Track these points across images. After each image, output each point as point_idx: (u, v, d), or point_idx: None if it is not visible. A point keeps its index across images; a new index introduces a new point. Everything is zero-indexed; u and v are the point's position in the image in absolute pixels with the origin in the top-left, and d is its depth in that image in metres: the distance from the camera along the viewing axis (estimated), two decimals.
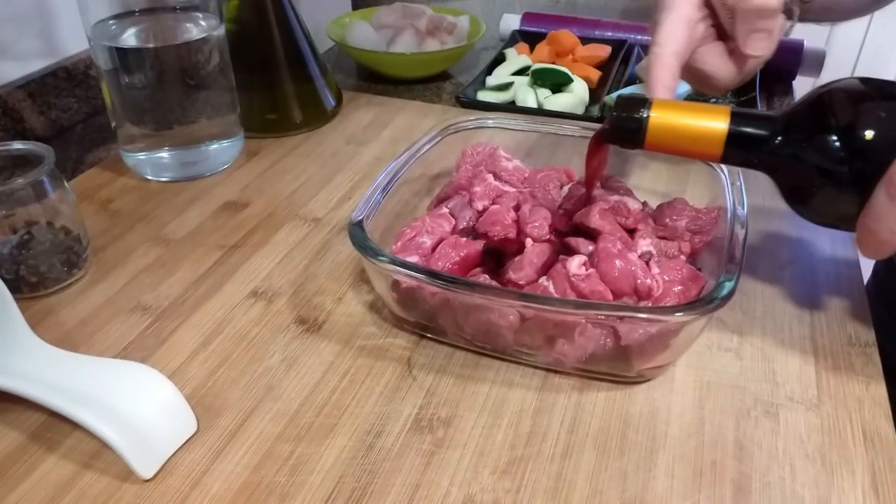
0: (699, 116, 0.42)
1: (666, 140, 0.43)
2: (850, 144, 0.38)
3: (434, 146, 0.56)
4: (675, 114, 0.42)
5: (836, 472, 0.39)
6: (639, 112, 0.42)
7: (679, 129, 0.42)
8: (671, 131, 0.42)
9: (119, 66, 0.60)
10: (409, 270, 0.42)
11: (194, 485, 0.38)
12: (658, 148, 0.44)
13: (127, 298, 0.50)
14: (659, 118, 0.42)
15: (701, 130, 0.42)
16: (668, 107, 0.42)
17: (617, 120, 0.43)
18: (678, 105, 0.43)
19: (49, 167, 0.49)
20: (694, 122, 0.42)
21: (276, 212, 0.60)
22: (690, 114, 0.42)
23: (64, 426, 0.40)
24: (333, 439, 0.40)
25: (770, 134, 0.41)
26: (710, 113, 0.42)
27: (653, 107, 0.42)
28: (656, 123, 0.42)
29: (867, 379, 0.45)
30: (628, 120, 0.43)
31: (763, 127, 0.41)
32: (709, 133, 0.41)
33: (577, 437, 0.41)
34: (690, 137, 0.42)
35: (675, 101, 0.44)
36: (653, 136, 0.43)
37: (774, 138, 0.41)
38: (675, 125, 0.42)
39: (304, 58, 0.73)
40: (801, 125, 0.41)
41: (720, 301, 0.39)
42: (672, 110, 0.42)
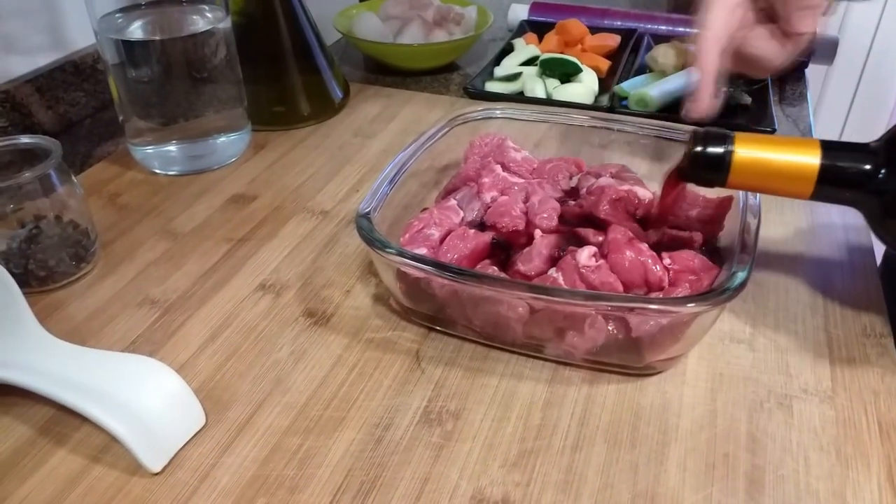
0: (788, 150, 0.40)
1: (751, 177, 0.40)
2: None
3: (442, 137, 0.56)
4: (762, 148, 0.40)
5: (851, 465, 0.38)
6: (722, 147, 0.40)
7: (766, 165, 0.40)
8: (757, 168, 0.40)
9: (126, 59, 0.59)
10: (416, 262, 0.42)
11: (203, 478, 0.38)
12: (741, 185, 0.42)
13: (135, 292, 0.50)
14: (745, 154, 0.40)
15: (790, 166, 0.39)
16: (753, 141, 0.40)
17: (698, 156, 0.41)
18: (763, 139, 0.41)
19: (56, 161, 0.49)
20: (782, 157, 0.39)
21: (284, 205, 0.60)
22: (778, 148, 0.40)
23: (72, 420, 0.40)
24: (342, 432, 0.40)
25: (872, 168, 0.39)
26: (799, 146, 0.39)
27: (737, 141, 0.40)
28: (742, 160, 0.40)
29: (882, 370, 0.44)
30: (710, 156, 0.40)
31: (861, 160, 0.39)
32: (799, 169, 0.39)
33: (587, 429, 0.40)
34: (779, 174, 0.40)
35: (759, 136, 0.42)
36: (737, 174, 0.40)
37: (878, 172, 0.39)
38: (761, 161, 0.40)
39: (311, 50, 0.73)
40: None
41: (733, 292, 0.38)
42: (758, 144, 0.40)
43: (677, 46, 0.79)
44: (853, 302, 0.49)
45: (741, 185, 0.42)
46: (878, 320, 0.48)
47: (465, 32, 0.86)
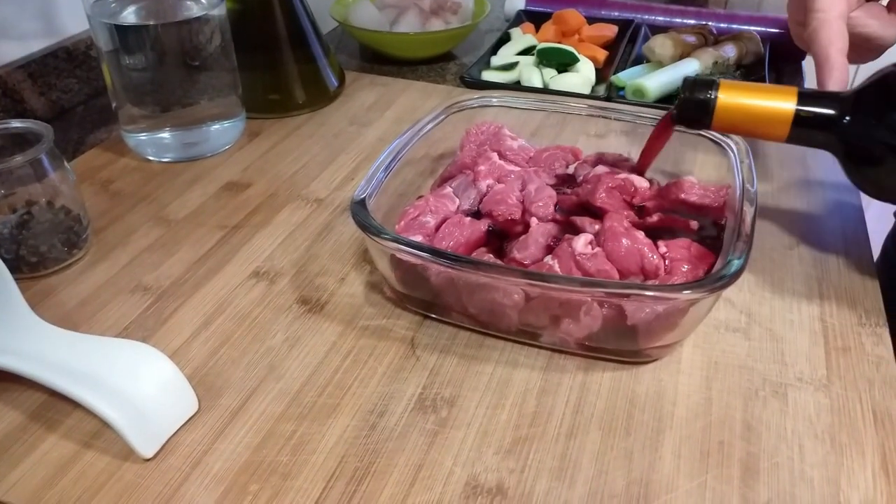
0: (766, 97, 0.43)
1: (733, 120, 0.44)
2: None
3: (438, 125, 0.55)
4: (743, 94, 0.43)
5: (846, 453, 0.38)
6: (707, 93, 0.44)
7: (747, 109, 0.43)
8: (739, 112, 0.43)
9: (119, 46, 0.59)
10: (412, 249, 0.41)
11: (195, 464, 0.37)
12: (725, 128, 0.45)
13: (128, 279, 0.50)
14: (727, 99, 0.43)
15: (768, 111, 0.43)
16: (736, 88, 0.44)
17: (685, 101, 0.44)
18: (745, 86, 0.44)
19: (48, 145, 0.48)
20: (761, 102, 0.43)
21: (278, 192, 0.60)
22: (758, 94, 0.43)
23: (64, 405, 0.40)
24: (336, 419, 0.40)
25: (839, 113, 0.42)
26: (777, 93, 0.43)
27: (720, 88, 0.44)
28: (724, 104, 0.43)
29: (877, 359, 0.44)
30: (697, 101, 0.44)
31: (831, 106, 0.43)
32: (776, 113, 0.43)
33: (582, 417, 0.40)
34: (758, 118, 0.43)
35: (742, 83, 0.45)
36: (720, 117, 0.44)
37: (843, 118, 0.42)
38: (742, 106, 0.43)
39: (306, 38, 0.72)
40: (870, 103, 0.42)
41: (728, 279, 0.38)
42: (739, 91, 0.43)
43: (674, 37, 0.79)
44: (849, 291, 0.49)
45: (724, 127, 0.45)
46: (873, 309, 0.47)
47: (462, 21, 0.85)
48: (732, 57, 0.78)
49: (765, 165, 0.63)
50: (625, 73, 0.76)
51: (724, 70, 0.76)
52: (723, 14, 0.90)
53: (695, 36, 0.81)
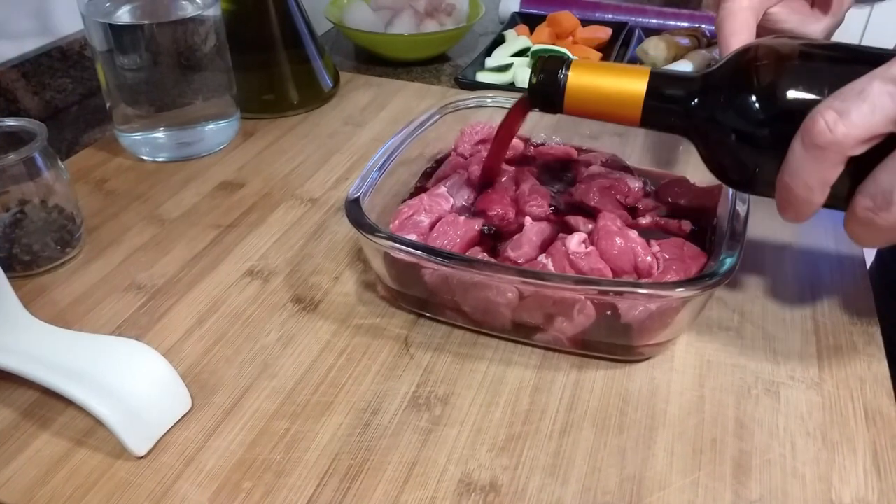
0: (618, 76, 0.40)
1: (585, 102, 0.41)
2: (767, 104, 0.36)
3: (432, 125, 0.55)
4: (594, 74, 0.40)
5: (838, 450, 0.38)
6: (557, 72, 0.41)
7: (597, 90, 0.40)
8: (590, 93, 0.40)
9: (113, 45, 0.59)
10: (405, 247, 0.42)
11: (188, 462, 0.37)
12: (578, 111, 0.42)
13: (121, 277, 0.50)
14: (577, 79, 0.40)
15: (619, 92, 0.40)
16: (587, 67, 0.41)
17: (535, 83, 0.41)
18: (598, 66, 0.41)
19: (41, 144, 0.48)
20: (612, 82, 0.40)
21: (273, 192, 0.60)
22: (609, 74, 0.40)
23: (57, 403, 0.40)
24: (330, 417, 0.40)
25: (687, 94, 0.39)
26: (629, 73, 0.40)
27: (571, 67, 0.41)
28: (575, 85, 0.40)
29: (869, 358, 0.44)
30: (546, 83, 0.41)
31: (682, 87, 0.40)
32: (627, 94, 0.40)
33: (575, 414, 0.40)
34: (609, 99, 0.40)
35: (596, 63, 0.42)
36: (572, 99, 0.41)
37: (691, 99, 0.39)
38: (593, 86, 0.40)
39: (301, 38, 0.72)
40: (717, 85, 0.39)
41: (721, 277, 0.38)
42: (590, 71, 0.40)
43: (668, 39, 0.79)
44: (841, 290, 0.49)
45: (577, 110, 0.42)
46: (865, 308, 0.48)
47: (457, 23, 0.85)
48: None
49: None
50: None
51: None
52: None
53: (688, 38, 0.81)
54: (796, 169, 0.35)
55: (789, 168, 0.35)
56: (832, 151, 0.33)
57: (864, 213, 0.34)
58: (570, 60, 0.41)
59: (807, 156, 0.34)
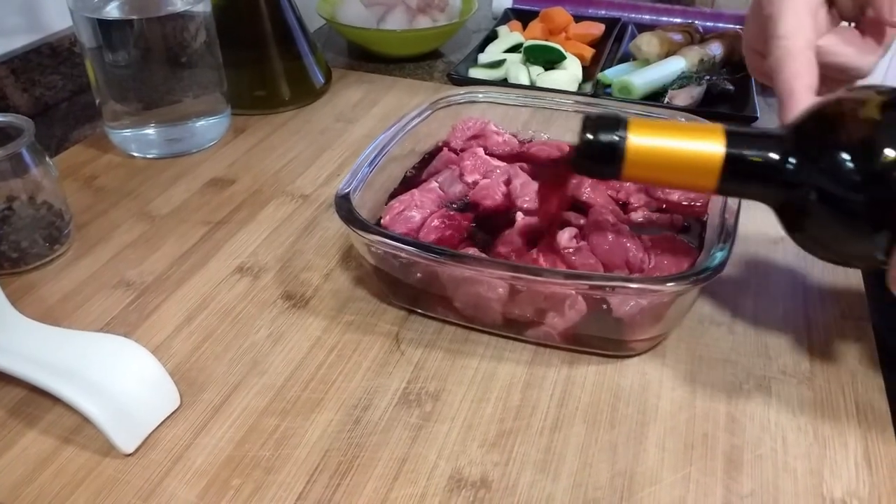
0: (689, 137, 0.34)
1: (648, 168, 0.35)
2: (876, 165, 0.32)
3: (424, 121, 0.55)
4: (660, 135, 0.35)
5: (829, 445, 0.38)
6: (614, 134, 0.35)
7: (664, 154, 0.34)
8: (655, 158, 0.35)
9: (103, 42, 0.58)
10: (396, 242, 0.41)
11: (177, 459, 0.37)
12: (639, 178, 0.36)
13: (110, 274, 0.50)
14: (640, 141, 0.34)
15: (692, 156, 0.34)
16: (650, 127, 0.35)
17: (588, 144, 0.35)
18: (661, 125, 0.36)
19: (29, 139, 0.48)
20: (683, 145, 0.34)
21: (263, 188, 0.59)
22: (678, 135, 0.35)
23: (44, 401, 0.40)
24: (320, 413, 0.40)
25: (781, 157, 0.34)
26: (701, 133, 0.34)
27: (631, 127, 0.35)
28: (637, 148, 0.34)
29: (860, 353, 0.44)
30: (601, 144, 0.35)
31: (769, 148, 0.34)
32: (702, 159, 0.34)
33: (566, 410, 0.40)
34: (679, 165, 0.35)
35: (656, 121, 0.36)
36: (632, 164, 0.35)
37: (785, 161, 0.34)
38: (659, 150, 0.34)
39: (292, 34, 0.72)
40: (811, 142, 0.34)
41: (712, 271, 0.38)
42: (655, 131, 0.35)
43: (661, 35, 0.79)
44: (832, 286, 0.49)
45: (637, 176, 0.36)
46: (856, 304, 0.48)
47: (450, 19, 0.85)
48: (718, 55, 0.78)
49: None
50: (611, 71, 0.77)
51: (710, 68, 0.76)
52: (709, 13, 0.90)
53: (681, 34, 0.81)
54: None
55: None
56: None
57: None
58: (626, 119, 0.35)
59: None
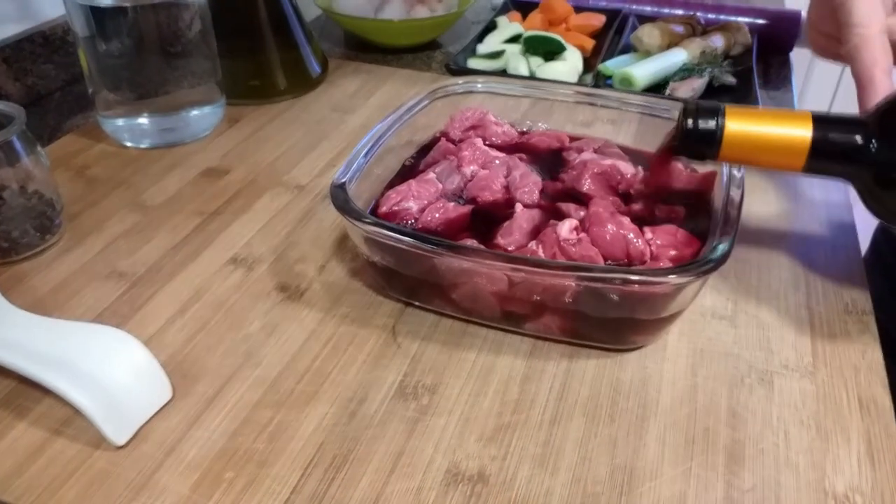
0: (779, 124, 0.39)
1: (743, 151, 0.40)
2: None
3: (422, 111, 0.54)
4: (753, 122, 0.40)
5: (832, 439, 0.38)
6: (714, 121, 0.40)
7: (758, 139, 0.39)
8: (749, 142, 0.40)
9: (96, 30, 0.57)
10: (392, 233, 0.41)
11: (169, 451, 0.36)
12: (733, 159, 0.41)
13: (102, 265, 0.49)
14: (736, 127, 0.40)
15: (782, 140, 0.39)
16: (744, 115, 0.40)
17: (689, 131, 0.40)
18: (754, 112, 0.41)
19: (19, 127, 0.47)
20: (774, 130, 0.39)
21: (258, 179, 0.58)
22: (769, 121, 0.39)
23: (35, 392, 0.39)
24: (314, 406, 0.39)
25: (864, 140, 0.39)
26: (790, 120, 0.39)
27: (728, 115, 0.40)
28: (733, 133, 0.40)
29: (863, 347, 0.43)
30: (702, 131, 0.40)
31: (853, 132, 0.39)
32: (791, 142, 0.39)
33: (565, 404, 0.39)
34: (770, 148, 0.40)
35: (750, 109, 0.41)
36: (729, 147, 0.40)
37: (869, 144, 0.38)
38: (753, 135, 0.39)
39: (288, 23, 0.71)
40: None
41: (714, 263, 0.38)
42: (749, 118, 0.40)
43: (662, 27, 0.78)
44: (835, 279, 0.49)
45: (732, 158, 0.41)
46: (859, 297, 0.47)
47: (448, 9, 0.84)
48: (720, 47, 0.77)
49: None
50: (612, 62, 0.76)
51: (712, 60, 0.75)
52: (711, 4, 0.89)
53: (683, 26, 0.80)
54: None
55: None
56: None
57: None
58: (723, 108, 0.40)
59: None
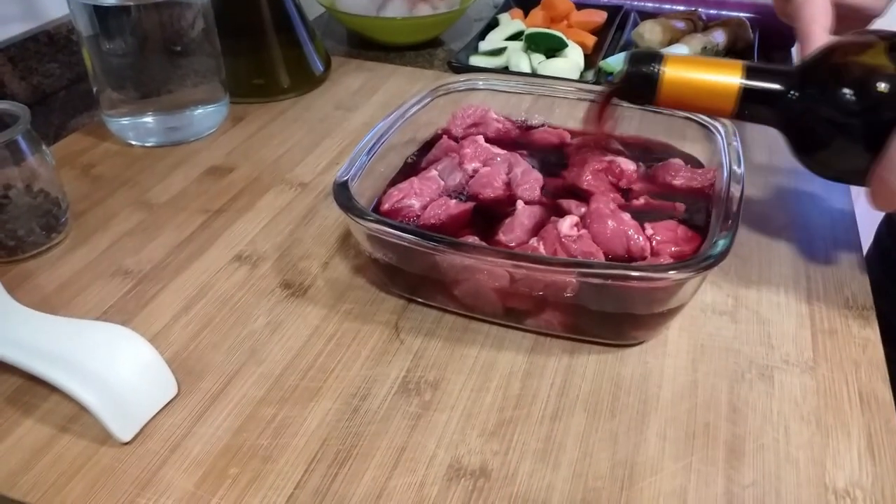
0: (713, 71, 0.42)
1: (679, 95, 0.43)
2: (868, 97, 0.38)
3: (424, 109, 0.54)
4: (689, 68, 0.42)
5: (832, 435, 0.38)
6: (653, 66, 0.42)
7: (693, 84, 0.42)
8: (685, 86, 0.42)
9: (99, 29, 0.58)
10: (394, 230, 0.41)
11: (174, 448, 0.37)
12: (670, 103, 0.44)
13: (108, 262, 0.49)
14: (673, 73, 0.42)
15: (714, 85, 0.42)
16: (682, 62, 0.43)
17: (631, 75, 0.43)
18: (691, 60, 0.43)
19: (24, 127, 0.47)
20: (708, 76, 0.42)
21: (262, 177, 0.59)
22: (704, 68, 0.42)
23: (41, 389, 0.39)
24: (318, 402, 0.39)
25: (785, 89, 0.41)
26: (723, 67, 0.42)
27: (666, 62, 0.43)
28: (670, 78, 0.42)
29: (864, 341, 0.44)
30: (642, 75, 0.43)
31: (778, 81, 0.41)
32: (722, 88, 0.42)
33: (567, 399, 0.40)
34: (704, 92, 0.42)
35: (688, 56, 0.44)
36: (666, 91, 0.43)
37: (789, 93, 0.41)
38: (688, 80, 0.42)
39: (291, 22, 0.71)
40: (816, 79, 0.41)
41: (714, 259, 0.38)
42: (685, 65, 0.42)
43: (664, 23, 0.78)
44: (836, 274, 0.49)
45: (670, 102, 0.43)
46: (860, 292, 0.47)
47: (450, 7, 0.84)
48: (722, 43, 0.77)
49: (753, 149, 0.63)
50: (614, 59, 0.76)
51: (713, 56, 0.75)
52: (712, 0, 0.89)
53: (684, 22, 0.80)
54: None
55: (889, 164, 0.37)
56: None
57: None
58: (662, 55, 0.43)
59: None
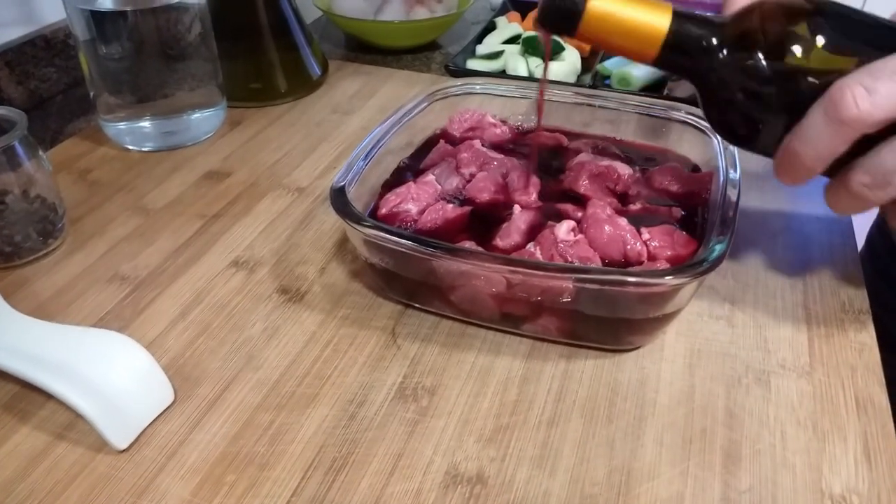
0: (641, 10, 0.39)
1: (601, 30, 0.40)
2: (787, 66, 0.36)
3: (420, 113, 0.55)
4: (616, 4, 0.39)
5: (828, 439, 0.38)
6: None
7: (617, 21, 0.39)
8: (609, 21, 0.39)
9: (96, 35, 0.58)
10: (391, 236, 0.41)
11: (171, 455, 0.37)
12: (591, 38, 0.41)
13: (104, 268, 0.49)
14: (598, 6, 0.39)
15: (640, 26, 0.39)
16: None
17: (552, 3, 0.40)
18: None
19: (21, 132, 0.47)
20: (634, 15, 0.39)
21: (259, 181, 0.59)
22: (632, 6, 0.39)
23: (37, 397, 0.39)
24: (315, 409, 0.39)
25: (717, 43, 0.39)
26: (653, 8, 0.39)
27: None
28: (594, 11, 0.39)
29: (860, 346, 0.44)
30: (563, 4, 0.40)
31: (708, 34, 0.39)
32: (648, 30, 0.39)
33: (564, 405, 0.40)
34: (628, 32, 0.39)
35: None
36: (589, 24, 0.40)
37: (720, 48, 0.38)
38: (613, 16, 0.39)
39: (288, 25, 0.71)
40: (731, 39, 0.38)
41: (710, 264, 0.38)
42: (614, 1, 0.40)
43: None
44: (832, 278, 0.49)
45: (590, 37, 0.40)
46: (856, 297, 0.47)
47: (448, 10, 0.84)
48: None
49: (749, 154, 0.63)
50: (610, 62, 0.76)
51: None
52: (709, 2, 0.89)
53: None
54: (810, 138, 0.34)
55: (803, 135, 0.35)
56: (852, 127, 0.33)
57: (858, 187, 0.34)
58: None
59: (827, 128, 0.34)
